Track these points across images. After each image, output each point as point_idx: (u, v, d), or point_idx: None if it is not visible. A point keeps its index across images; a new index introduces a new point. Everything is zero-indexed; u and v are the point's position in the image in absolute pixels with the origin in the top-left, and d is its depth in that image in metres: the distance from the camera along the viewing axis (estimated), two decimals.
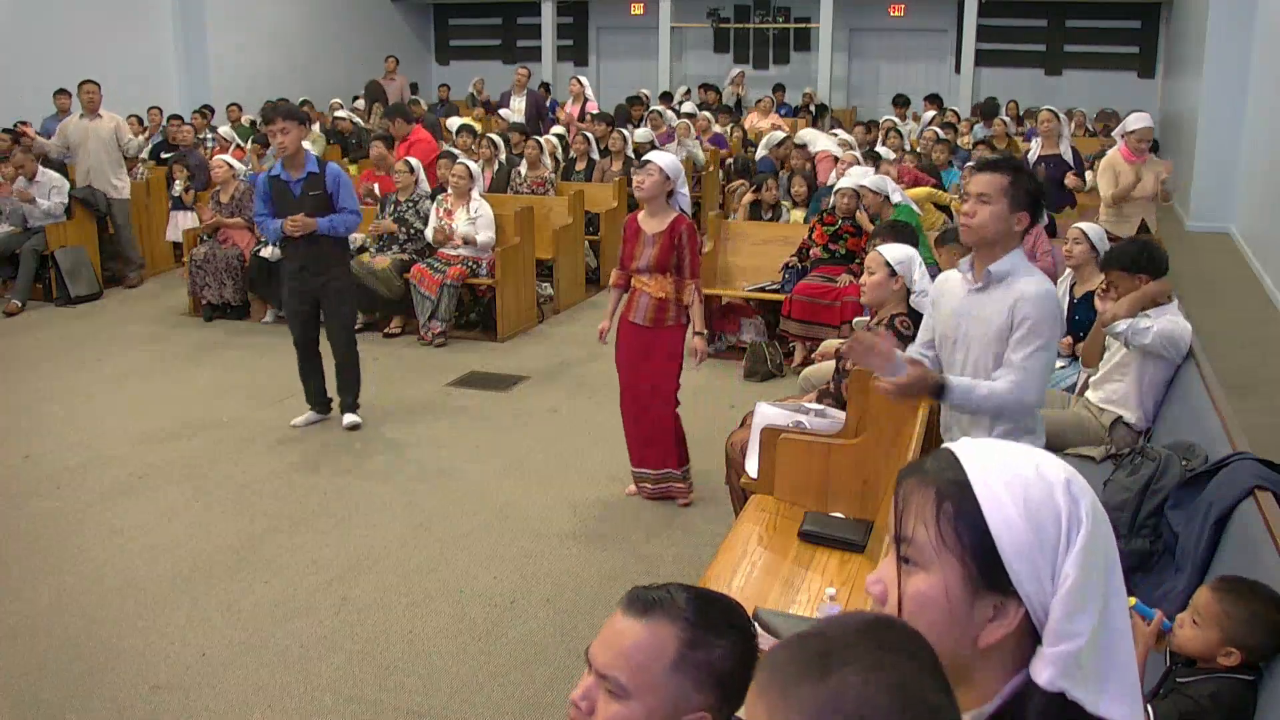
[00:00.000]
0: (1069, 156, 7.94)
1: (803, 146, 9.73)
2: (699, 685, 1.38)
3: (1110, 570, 1.13)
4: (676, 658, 1.37)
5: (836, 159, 9.02)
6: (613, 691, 1.39)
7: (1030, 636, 1.12)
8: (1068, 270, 5.35)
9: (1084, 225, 5.25)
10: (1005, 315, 2.98)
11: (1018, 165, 3.04)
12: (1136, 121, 6.99)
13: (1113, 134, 8.06)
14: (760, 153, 10.77)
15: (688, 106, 13.62)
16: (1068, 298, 5.23)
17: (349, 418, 5.91)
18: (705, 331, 4.85)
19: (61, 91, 10.51)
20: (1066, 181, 7.71)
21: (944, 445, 1.21)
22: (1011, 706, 1.12)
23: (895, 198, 6.79)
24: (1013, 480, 1.12)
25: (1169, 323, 4.16)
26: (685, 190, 4.79)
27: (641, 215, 4.79)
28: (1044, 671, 1.09)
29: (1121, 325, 4.15)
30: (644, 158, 4.82)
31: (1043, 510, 1.10)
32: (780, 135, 10.90)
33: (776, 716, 0.96)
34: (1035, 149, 8.12)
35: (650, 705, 1.37)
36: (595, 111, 11.99)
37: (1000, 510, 1.10)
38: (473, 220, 7.70)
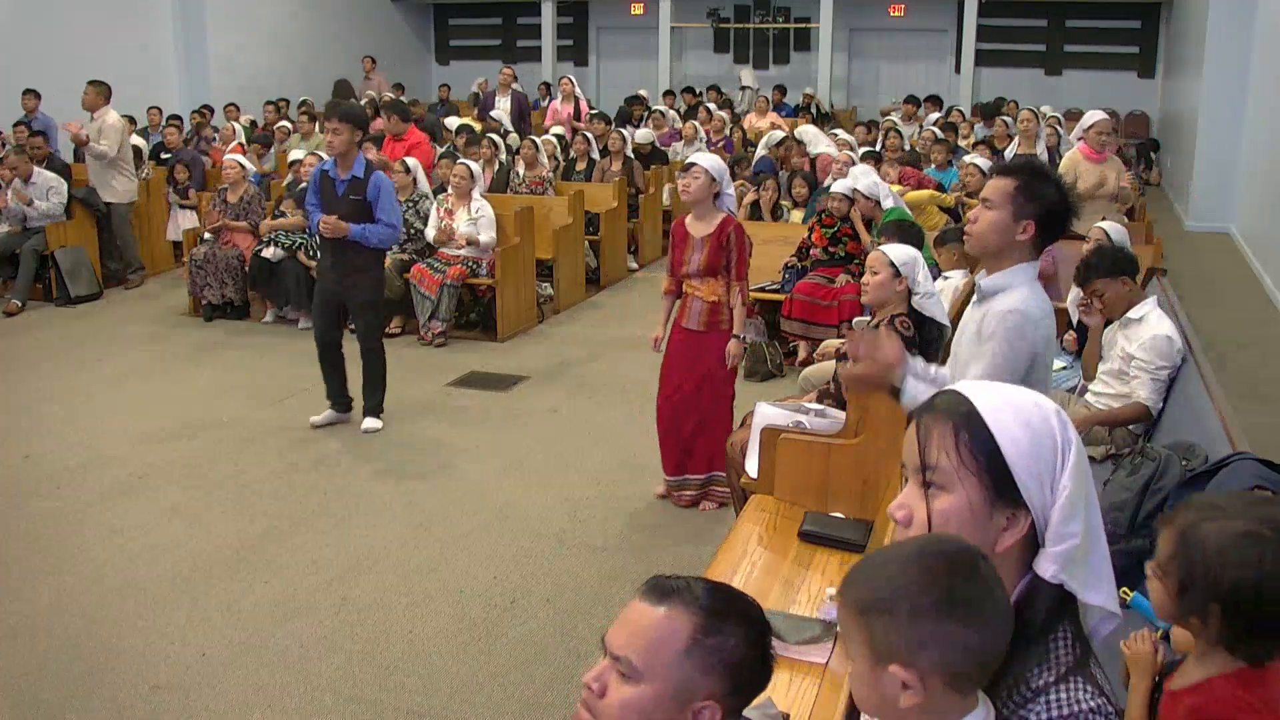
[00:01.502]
0: (1044, 158, 7.93)
1: (802, 143, 9.72)
2: (709, 672, 1.40)
3: (1090, 484, 1.36)
4: (689, 643, 1.40)
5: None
6: (625, 673, 1.41)
7: (1031, 545, 1.36)
8: None
9: (1104, 225, 5.25)
10: (980, 335, 2.70)
11: (1037, 170, 2.70)
12: (1091, 117, 6.92)
13: (1070, 136, 8.03)
14: (760, 152, 10.77)
15: (716, 111, 13.38)
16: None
17: (369, 422, 5.88)
18: (743, 335, 4.82)
19: (29, 93, 10.46)
20: None
21: (949, 386, 1.43)
22: (1026, 599, 1.35)
23: (887, 203, 6.78)
24: (1016, 410, 1.35)
25: (1152, 362, 4.13)
26: (731, 190, 4.76)
27: (688, 219, 4.76)
28: (1049, 567, 1.33)
29: (1153, 399, 4.13)
30: (688, 160, 4.76)
31: (1042, 433, 1.34)
32: (780, 135, 10.89)
33: (840, 601, 1.31)
34: (1012, 147, 8.13)
35: (659, 688, 1.40)
36: (592, 112, 11.96)
37: (1009, 434, 1.33)
38: (474, 220, 7.70)
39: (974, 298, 2.84)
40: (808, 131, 10.29)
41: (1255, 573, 1.64)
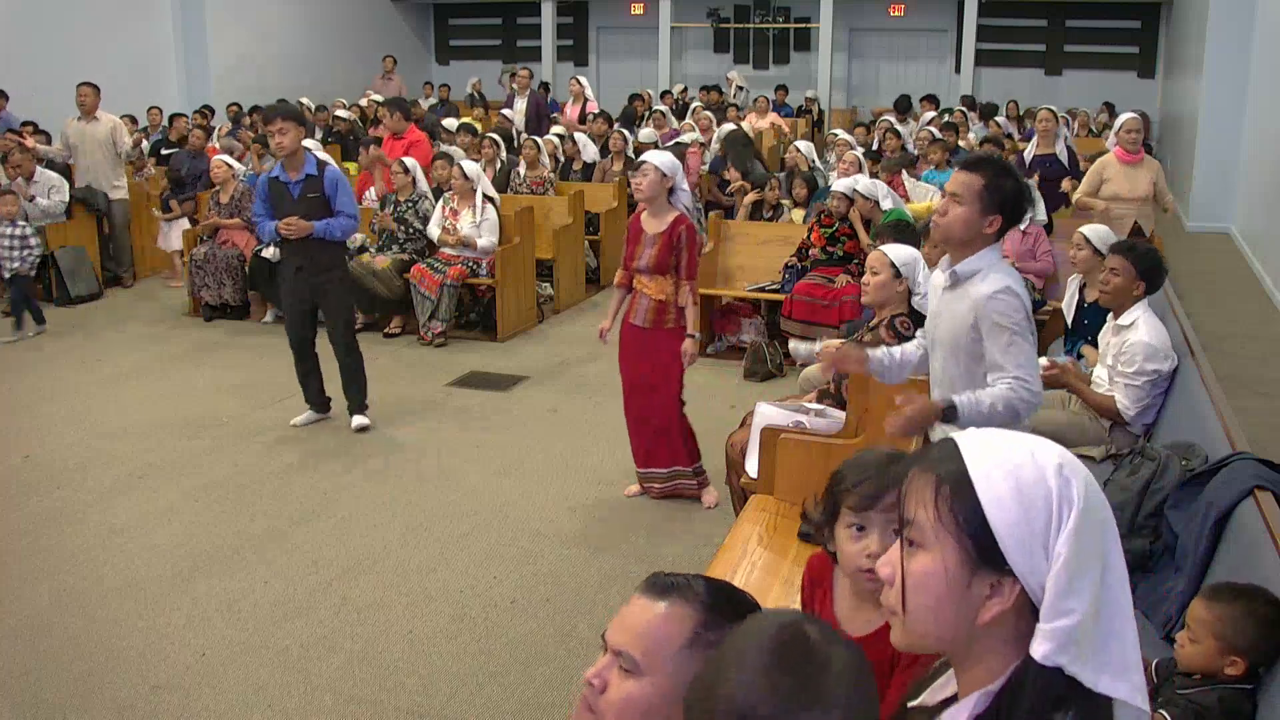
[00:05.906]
0: (1064, 157, 7.92)
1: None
2: None
3: (1108, 549, 1.16)
4: (690, 637, 1.39)
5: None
6: (626, 669, 1.40)
7: (1033, 617, 1.15)
8: (1075, 275, 5.32)
9: (1085, 229, 5.20)
10: (966, 319, 2.89)
11: (1000, 166, 2.89)
12: (1122, 118, 6.98)
13: (1106, 142, 8.04)
14: (714, 146, 10.79)
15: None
16: (1076, 300, 5.22)
17: (357, 419, 5.87)
18: (698, 335, 4.83)
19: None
20: (1063, 185, 7.68)
21: (947, 435, 1.26)
22: (1014, 683, 1.16)
23: (886, 204, 6.79)
24: (1006, 463, 1.17)
25: (1130, 368, 4.12)
26: (685, 187, 4.76)
27: (644, 215, 4.77)
28: (1040, 646, 1.13)
29: (1126, 405, 4.14)
30: (640, 157, 4.80)
31: (1034, 491, 1.14)
32: (730, 128, 10.86)
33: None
34: (1031, 148, 8.11)
35: (660, 683, 1.39)
36: (595, 112, 11.97)
37: (993, 491, 1.15)
38: (478, 224, 7.69)
39: (945, 283, 3.00)
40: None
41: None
